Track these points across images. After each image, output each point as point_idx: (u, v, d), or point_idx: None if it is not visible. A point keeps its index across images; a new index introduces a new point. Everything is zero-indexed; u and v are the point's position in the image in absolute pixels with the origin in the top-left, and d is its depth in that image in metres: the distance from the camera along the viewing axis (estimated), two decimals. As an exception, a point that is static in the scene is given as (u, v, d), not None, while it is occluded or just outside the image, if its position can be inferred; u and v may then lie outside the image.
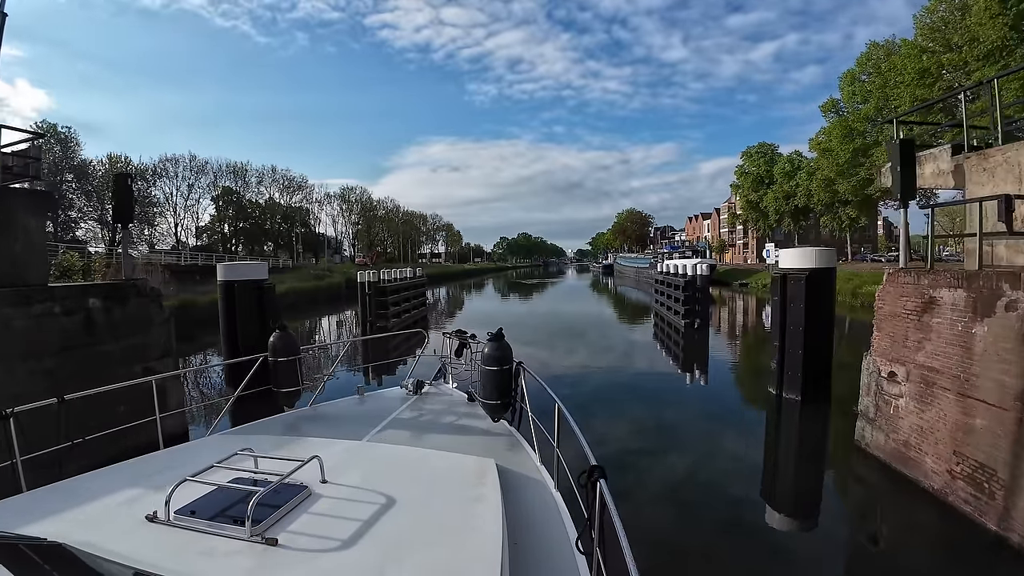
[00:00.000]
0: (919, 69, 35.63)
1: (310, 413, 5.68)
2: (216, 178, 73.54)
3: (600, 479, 2.42)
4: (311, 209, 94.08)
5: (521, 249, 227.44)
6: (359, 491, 2.87)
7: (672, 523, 6.81)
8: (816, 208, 57.29)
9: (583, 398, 12.50)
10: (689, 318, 21.98)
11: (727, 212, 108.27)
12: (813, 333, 10.70)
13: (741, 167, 72.56)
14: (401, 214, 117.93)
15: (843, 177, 45.60)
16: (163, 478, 2.80)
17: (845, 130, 45.05)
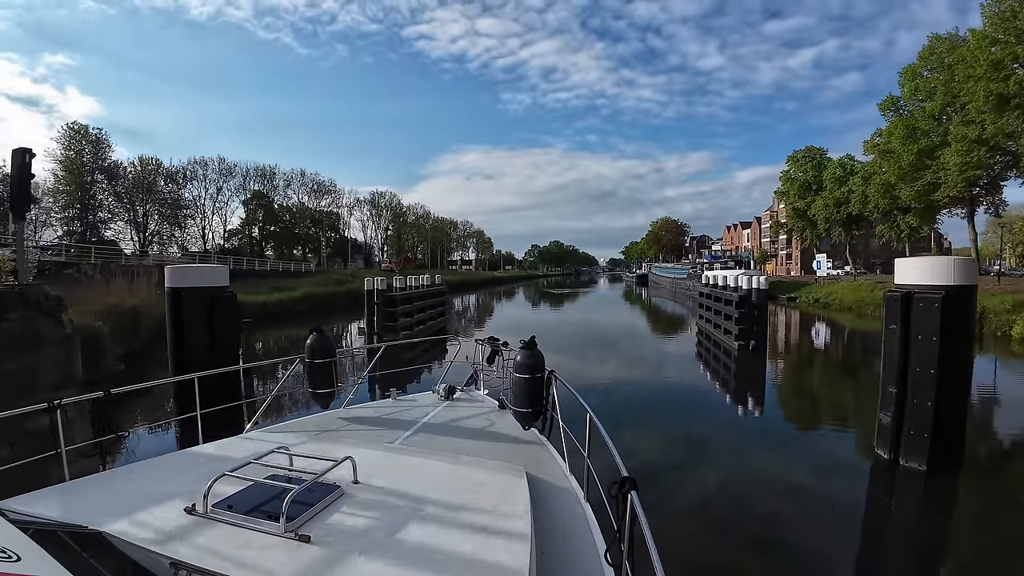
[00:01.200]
0: (992, 61, 31.68)
1: (344, 414, 5.62)
2: (245, 181, 72.33)
3: (632, 490, 2.42)
4: (340, 214, 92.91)
5: (553, 257, 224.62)
6: (390, 494, 2.85)
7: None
8: (872, 216, 52.84)
9: (617, 414, 11.77)
10: (743, 339, 18.77)
11: (769, 221, 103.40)
12: (950, 378, 7.58)
13: (787, 172, 68.24)
14: (431, 220, 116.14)
15: (905, 181, 41.37)
16: (201, 472, 2.83)
17: (907, 130, 40.98)
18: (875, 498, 7.86)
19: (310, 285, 38.94)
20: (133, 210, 61.08)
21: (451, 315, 40.66)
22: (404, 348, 17.22)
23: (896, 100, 43.51)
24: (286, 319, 30.56)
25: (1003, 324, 24.03)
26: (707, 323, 24.56)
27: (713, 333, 22.84)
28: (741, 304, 19.13)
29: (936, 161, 38.94)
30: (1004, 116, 31.73)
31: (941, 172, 38.09)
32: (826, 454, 9.79)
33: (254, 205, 76.13)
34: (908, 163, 40.14)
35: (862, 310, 36.30)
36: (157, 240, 64.50)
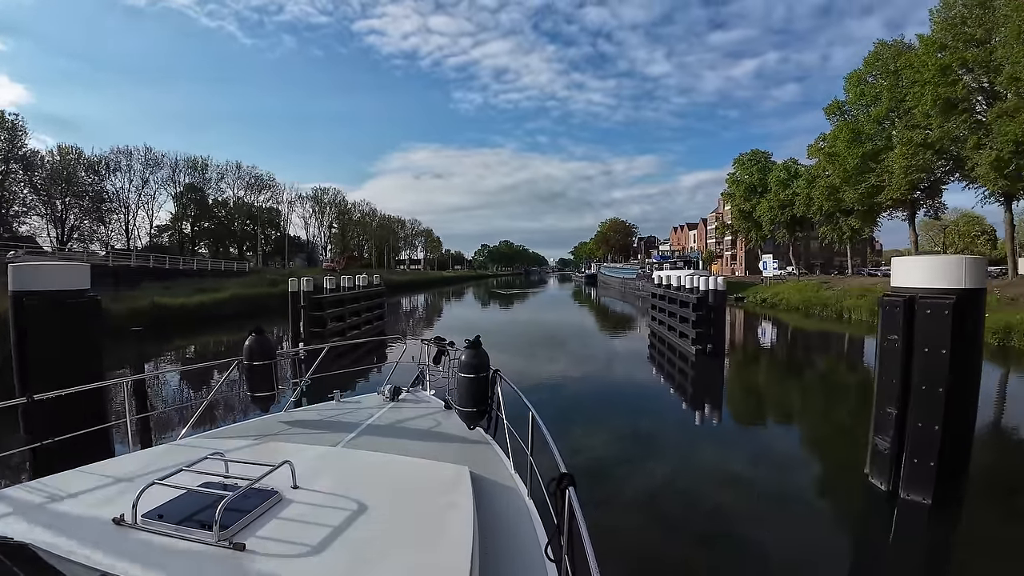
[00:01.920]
0: (940, 66, 32.18)
1: (284, 418, 5.32)
2: (175, 173, 67.67)
3: (569, 486, 2.49)
4: (281, 210, 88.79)
5: (503, 257, 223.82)
6: (330, 497, 2.75)
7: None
8: (814, 218, 53.78)
9: (568, 413, 12.06)
10: (701, 343, 17.77)
11: (715, 222, 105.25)
12: (960, 397, 6.50)
13: (733, 175, 69.01)
14: (377, 218, 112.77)
15: (849, 184, 41.99)
16: (131, 481, 2.81)
17: (852, 133, 41.56)
18: (875, 539, 6.70)
19: (240, 286, 35.75)
20: (51, 203, 56.14)
21: (395, 317, 38.79)
22: (349, 349, 16.95)
23: (841, 104, 44.21)
24: (209, 324, 27.82)
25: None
26: (660, 325, 23.58)
27: (667, 336, 21.86)
28: (698, 306, 18.14)
29: (880, 164, 39.60)
30: (950, 120, 32.26)
31: (885, 175, 38.72)
32: (813, 482, 8.68)
33: (186, 199, 71.62)
34: (853, 166, 40.71)
35: (809, 310, 36.52)
36: (78, 236, 59.58)
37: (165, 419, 9.78)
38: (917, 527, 6.67)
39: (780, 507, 7.60)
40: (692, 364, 17.47)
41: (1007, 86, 27.21)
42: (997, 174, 28.64)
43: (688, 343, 18.52)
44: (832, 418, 12.33)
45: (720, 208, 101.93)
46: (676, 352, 19.53)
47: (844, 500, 7.77)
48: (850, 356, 22.36)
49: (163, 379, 14.26)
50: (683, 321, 19.57)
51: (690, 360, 17.84)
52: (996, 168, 28.49)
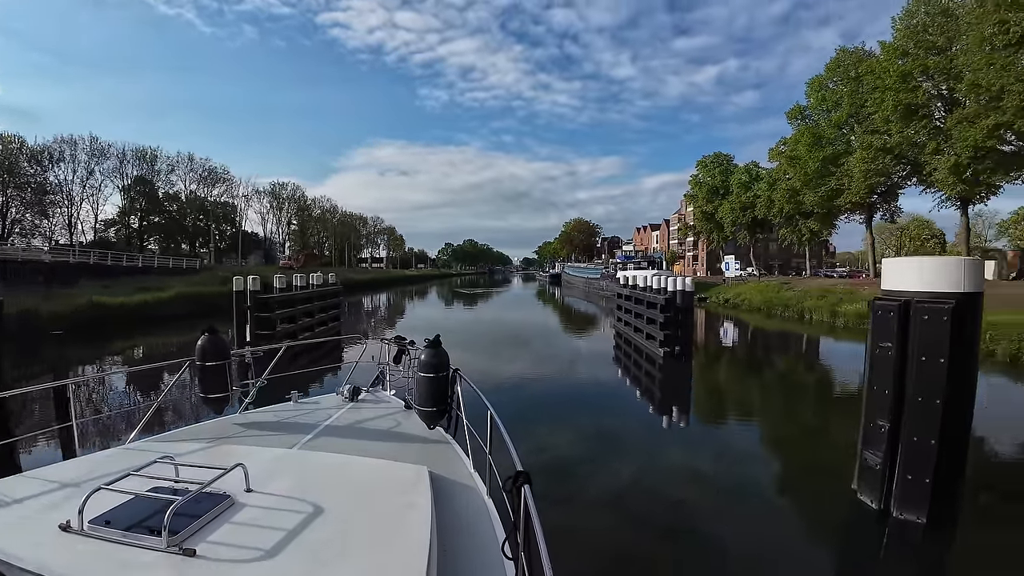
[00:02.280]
0: (901, 73, 32.79)
1: (239, 420, 5.18)
2: (122, 164, 64.28)
3: (525, 484, 2.44)
4: (237, 205, 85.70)
5: (467, 256, 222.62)
6: (285, 500, 2.71)
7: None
8: (775, 220, 54.60)
9: (529, 414, 11.81)
10: (669, 346, 17.31)
11: (678, 223, 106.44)
12: (956, 410, 6.04)
13: (696, 177, 69.79)
14: (338, 215, 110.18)
15: (810, 187, 42.60)
16: (78, 486, 2.77)
17: (813, 137, 42.15)
18: (866, 560, 6.18)
19: (187, 284, 33.78)
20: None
21: (355, 317, 37.61)
22: (307, 349, 16.76)
23: (803, 109, 44.87)
24: (152, 324, 26.16)
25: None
26: (626, 326, 23.13)
27: (634, 337, 21.39)
28: (666, 308, 17.68)
29: (840, 168, 40.25)
30: (910, 126, 32.85)
31: (845, 178, 39.34)
32: (795, 497, 8.15)
33: (135, 192, 68.31)
34: (813, 169, 41.30)
35: (771, 311, 36.71)
36: (19, 231, 56.10)
37: (113, 423, 9.39)
38: (911, 548, 6.20)
39: (758, 522, 7.09)
40: (659, 367, 17.02)
41: (968, 93, 27.78)
42: (956, 178, 29.29)
43: (655, 345, 18.08)
44: (809, 426, 11.93)
45: (682, 209, 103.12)
46: (643, 354, 19.07)
47: (831, 518, 7.25)
48: (818, 359, 22.18)
49: (111, 381, 13.71)
50: (650, 323, 19.12)
51: (657, 362, 17.39)
52: (955, 173, 29.13)
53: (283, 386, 6.34)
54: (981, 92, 26.46)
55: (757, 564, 6.04)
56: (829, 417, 12.61)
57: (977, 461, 8.47)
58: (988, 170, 28.82)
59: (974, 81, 26.70)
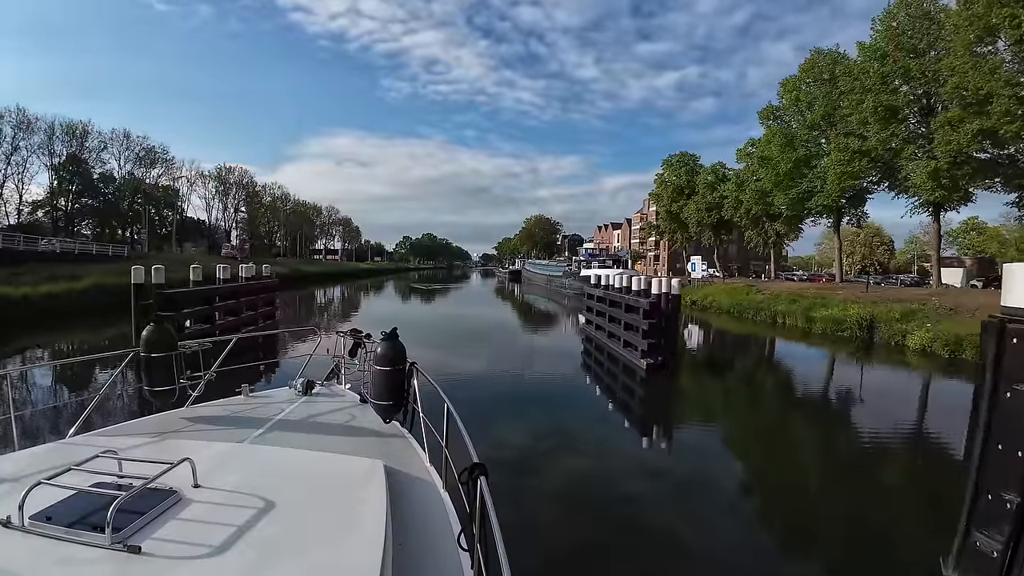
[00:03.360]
0: (882, 74, 31.94)
1: (187, 414, 5.01)
2: (51, 141, 58.66)
3: (481, 476, 2.46)
4: (180, 189, 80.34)
5: (425, 250, 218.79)
6: (235, 495, 2.63)
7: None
8: (741, 222, 53.88)
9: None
10: (652, 356, 15.43)
11: (640, 223, 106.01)
12: None
13: (661, 175, 68.79)
14: (290, 203, 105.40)
15: (781, 189, 41.71)
16: (16, 481, 2.64)
17: (785, 139, 41.23)
18: None
19: (105, 274, 29.70)
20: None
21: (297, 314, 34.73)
22: (259, 341, 16.40)
23: (775, 109, 43.95)
24: (59, 318, 22.72)
25: (895, 334, 23.30)
26: (599, 331, 21.16)
27: (608, 345, 19.43)
28: (651, 313, 15.80)
29: (812, 170, 39.45)
30: (889, 128, 32.04)
31: (818, 181, 38.52)
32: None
33: (66, 172, 62.81)
34: (785, 171, 40.40)
35: (742, 313, 35.57)
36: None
37: (51, 416, 8.80)
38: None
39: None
40: (640, 380, 15.10)
41: (951, 96, 26.92)
42: (934, 183, 28.55)
43: (636, 355, 16.16)
44: (841, 464, 10.10)
45: (645, 208, 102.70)
46: (619, 364, 17.13)
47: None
48: (820, 374, 19.90)
49: (51, 372, 12.95)
50: (630, 329, 17.23)
51: (638, 375, 15.46)
52: (933, 178, 28.36)
53: (233, 379, 6.15)
54: (967, 96, 25.59)
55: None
56: (865, 455, 10.71)
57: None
58: (967, 176, 28.17)
59: (959, 84, 25.85)
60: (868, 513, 7.48)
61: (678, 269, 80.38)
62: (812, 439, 11.55)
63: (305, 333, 16.86)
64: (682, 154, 66.85)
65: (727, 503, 7.83)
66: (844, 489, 8.58)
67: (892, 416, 13.00)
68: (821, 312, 28.94)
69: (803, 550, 6.72)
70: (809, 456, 10.51)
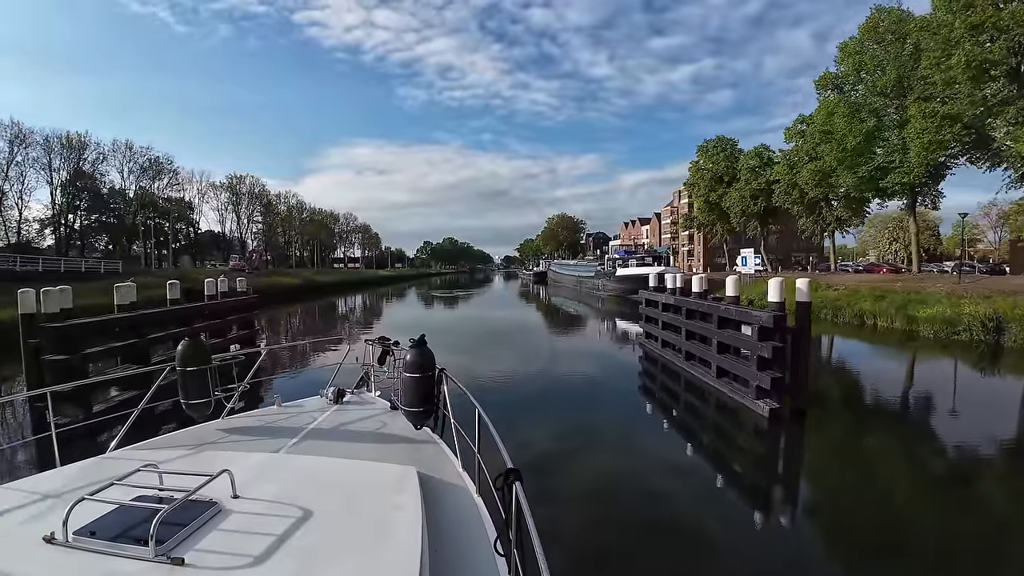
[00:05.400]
0: (970, 25, 26.51)
1: (222, 425, 5.03)
2: (49, 154, 55.33)
3: (516, 481, 2.43)
4: (192, 201, 77.16)
5: (446, 255, 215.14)
6: (273, 505, 2.63)
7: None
8: (792, 209, 48.34)
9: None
10: (777, 396, 10.56)
11: (670, 216, 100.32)
12: None
13: (696, 163, 63.48)
14: (306, 212, 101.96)
15: (848, 167, 36.18)
16: (60, 497, 2.67)
17: (852, 109, 35.75)
18: None
19: (79, 294, 25.72)
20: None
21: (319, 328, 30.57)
22: (289, 352, 16.65)
23: (835, 77, 38.44)
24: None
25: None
26: (669, 350, 16.32)
27: (687, 370, 14.49)
28: (773, 332, 10.68)
29: (886, 143, 34.02)
30: (983, 88, 26.64)
31: (895, 155, 33.06)
32: None
33: (76, 188, 59.70)
34: (853, 145, 34.92)
35: (817, 313, 30.28)
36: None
37: (92, 432, 8.24)
38: None
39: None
40: (758, 433, 10.20)
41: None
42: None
43: (750, 394, 11.22)
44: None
45: (676, 201, 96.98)
46: (711, 401, 12.25)
47: None
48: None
49: (90, 389, 11.71)
50: (727, 351, 12.42)
51: (752, 424, 10.54)
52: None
53: (266, 390, 6.65)
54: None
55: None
56: None
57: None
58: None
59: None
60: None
61: (717, 264, 74.75)
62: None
63: (333, 342, 16.80)
64: (719, 139, 61.47)
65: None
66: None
67: None
68: (922, 310, 23.75)
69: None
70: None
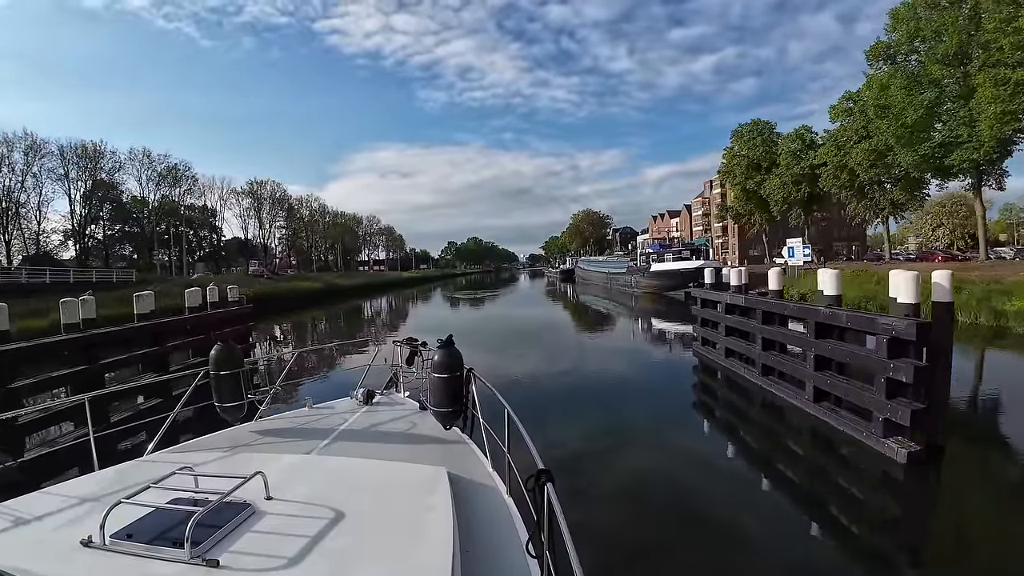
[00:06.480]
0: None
1: (255, 428, 5.09)
2: (65, 164, 54.53)
3: (547, 482, 2.41)
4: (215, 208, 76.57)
5: (471, 255, 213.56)
6: (306, 506, 2.64)
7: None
8: (840, 193, 45.02)
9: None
10: (916, 434, 7.88)
11: (702, 208, 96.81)
12: None
13: (731, 149, 60.16)
14: (329, 215, 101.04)
15: (907, 144, 32.96)
16: (98, 500, 2.69)
17: (908, 80, 32.54)
18: None
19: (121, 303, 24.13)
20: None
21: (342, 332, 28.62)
22: (318, 354, 17.27)
23: (888, 47, 35.12)
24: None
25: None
26: (736, 360, 13.59)
27: (790, 400, 11.02)
28: (905, 346, 8.07)
29: (951, 116, 30.81)
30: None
31: (962, 128, 29.84)
32: None
33: (98, 198, 59.35)
34: (915, 120, 31.71)
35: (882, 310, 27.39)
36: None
37: (129, 435, 8.57)
38: None
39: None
40: (888, 484, 7.68)
41: None
42: None
43: (873, 430, 8.41)
44: None
45: (707, 192, 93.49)
46: (830, 445, 9.26)
47: None
48: None
49: (127, 394, 12.03)
50: (841, 372, 9.90)
51: (893, 480, 7.75)
52: None
53: (297, 392, 6.47)
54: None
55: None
56: None
57: None
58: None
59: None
60: None
61: (753, 257, 71.15)
62: None
63: (362, 344, 17.02)
64: (755, 122, 58.10)
65: None
66: None
67: None
68: (1011, 303, 20.97)
69: None
70: None
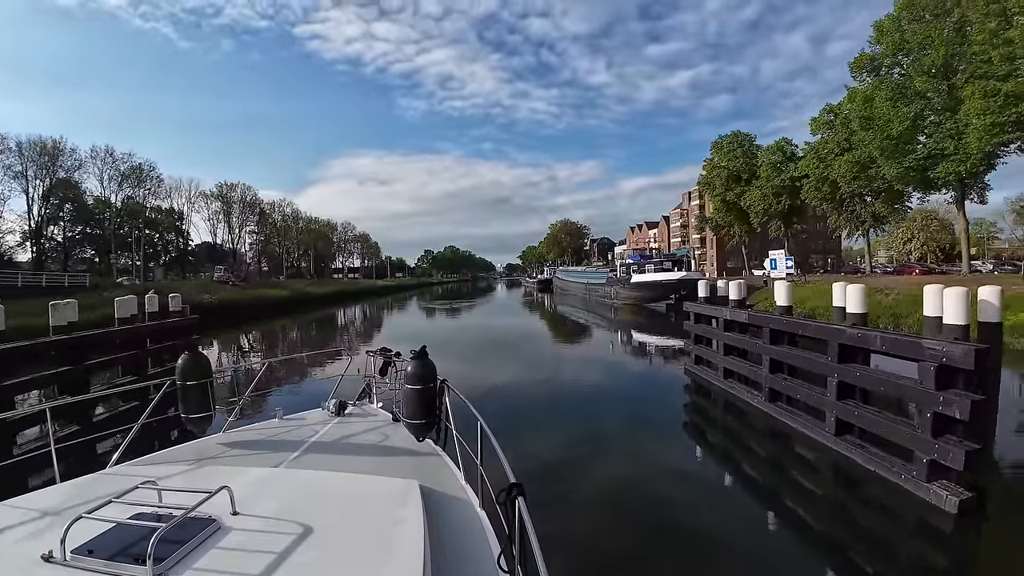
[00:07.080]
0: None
1: (222, 440, 4.99)
2: (23, 162, 51.54)
3: (519, 496, 2.39)
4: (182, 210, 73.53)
5: (448, 263, 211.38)
6: (273, 521, 2.59)
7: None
8: (821, 205, 44.73)
9: None
10: (964, 479, 6.82)
11: (679, 219, 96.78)
12: None
13: (711, 161, 59.79)
14: (301, 221, 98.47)
15: (891, 156, 32.57)
16: (58, 515, 2.66)
17: (893, 92, 32.18)
18: None
19: (17, 314, 22.35)
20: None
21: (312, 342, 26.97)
22: (289, 364, 16.59)
23: (873, 58, 34.80)
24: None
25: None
26: (749, 389, 12.07)
27: (804, 431, 9.84)
28: (955, 375, 7.00)
29: (936, 129, 30.46)
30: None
31: (948, 141, 29.46)
32: None
33: (58, 198, 56.36)
34: (900, 132, 31.31)
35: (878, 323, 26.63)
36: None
37: (92, 447, 8.48)
38: None
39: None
40: (943, 543, 6.55)
41: None
42: None
43: (914, 472, 7.32)
44: None
45: (686, 204, 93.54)
46: (859, 488, 8.04)
47: None
48: None
49: (90, 404, 11.33)
50: (866, 401, 8.73)
51: (940, 532, 6.62)
52: None
53: (267, 403, 6.40)
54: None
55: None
56: None
57: None
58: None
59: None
60: None
61: (731, 269, 70.88)
62: None
63: (334, 354, 16.49)
64: (735, 134, 57.84)
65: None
66: None
67: None
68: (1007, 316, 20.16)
69: None
70: None
